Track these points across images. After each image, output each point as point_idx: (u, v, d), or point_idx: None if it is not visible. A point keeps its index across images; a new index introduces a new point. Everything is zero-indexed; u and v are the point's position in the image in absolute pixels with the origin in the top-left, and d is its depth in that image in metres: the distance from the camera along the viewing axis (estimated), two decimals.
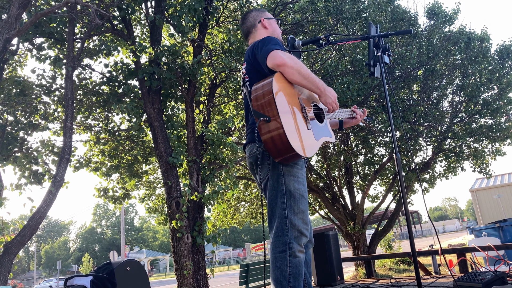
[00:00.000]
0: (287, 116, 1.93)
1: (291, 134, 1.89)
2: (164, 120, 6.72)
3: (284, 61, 1.99)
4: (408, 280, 4.50)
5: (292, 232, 2.01)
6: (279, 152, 1.92)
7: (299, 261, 2.00)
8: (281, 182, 2.05)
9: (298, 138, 1.93)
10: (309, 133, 2.05)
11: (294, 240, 2.00)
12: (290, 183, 2.04)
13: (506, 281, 2.86)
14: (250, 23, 2.40)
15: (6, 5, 5.49)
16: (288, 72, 2.00)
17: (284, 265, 1.98)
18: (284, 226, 2.02)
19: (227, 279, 21.15)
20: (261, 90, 1.99)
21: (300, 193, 2.05)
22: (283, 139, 1.87)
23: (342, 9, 7.63)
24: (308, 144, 1.99)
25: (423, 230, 50.91)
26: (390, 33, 2.39)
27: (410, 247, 2.16)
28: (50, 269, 60.89)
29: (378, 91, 8.16)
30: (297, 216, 2.03)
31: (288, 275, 1.97)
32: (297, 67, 2.00)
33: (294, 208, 2.03)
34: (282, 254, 2.00)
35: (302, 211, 2.04)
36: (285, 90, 2.01)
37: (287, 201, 2.03)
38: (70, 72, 5.72)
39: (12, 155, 6.67)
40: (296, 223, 2.02)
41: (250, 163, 2.21)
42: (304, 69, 2.02)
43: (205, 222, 6.56)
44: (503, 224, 6.72)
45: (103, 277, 3.25)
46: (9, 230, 5.06)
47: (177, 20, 5.85)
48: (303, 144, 1.95)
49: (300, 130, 1.98)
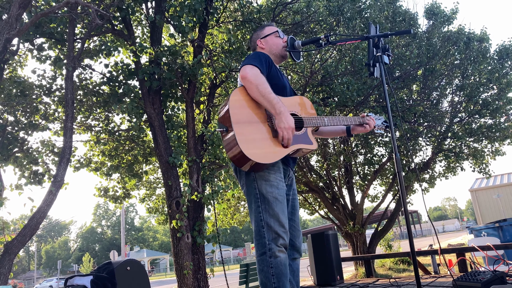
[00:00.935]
0: (243, 126, 2.02)
1: (246, 143, 1.98)
2: (164, 120, 6.72)
3: (246, 74, 2.08)
4: (407, 280, 4.51)
5: (270, 234, 2.08)
6: (238, 161, 2.03)
7: (280, 261, 2.05)
8: (254, 187, 2.14)
9: (254, 146, 2.00)
10: (274, 141, 2.09)
11: (272, 241, 2.06)
12: (262, 187, 2.12)
13: (505, 281, 2.87)
14: (252, 45, 2.56)
15: (6, 5, 5.49)
16: (247, 86, 2.10)
17: (266, 267, 2.04)
18: (261, 228, 2.10)
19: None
20: (222, 104, 2.12)
21: (273, 196, 2.12)
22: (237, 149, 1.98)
23: (343, 9, 7.64)
24: (268, 151, 2.05)
25: (422, 230, 50.91)
26: (389, 33, 2.40)
27: (410, 247, 2.16)
28: (50, 269, 60.89)
29: (378, 91, 8.17)
30: (273, 218, 2.09)
31: (271, 276, 2.03)
32: (257, 83, 2.07)
33: (269, 211, 2.10)
34: (263, 257, 2.06)
35: (277, 213, 2.10)
36: (248, 102, 2.10)
37: (262, 204, 2.12)
38: (70, 72, 5.73)
39: (12, 155, 6.67)
40: (272, 225, 2.08)
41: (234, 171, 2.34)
42: (263, 87, 2.08)
43: (205, 222, 6.57)
44: (503, 224, 6.72)
45: (103, 276, 3.26)
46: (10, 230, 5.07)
47: (177, 20, 5.86)
48: (262, 151, 2.02)
49: (259, 139, 2.04)
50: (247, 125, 2.03)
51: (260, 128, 2.08)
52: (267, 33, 2.50)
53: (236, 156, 2.01)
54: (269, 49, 2.45)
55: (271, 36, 2.48)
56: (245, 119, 2.04)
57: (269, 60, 2.28)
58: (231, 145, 2.02)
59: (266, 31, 2.51)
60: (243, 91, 2.11)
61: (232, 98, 2.06)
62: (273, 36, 2.48)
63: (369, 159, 11.26)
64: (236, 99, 2.07)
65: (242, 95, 2.10)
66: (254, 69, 2.11)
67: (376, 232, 11.77)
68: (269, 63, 2.26)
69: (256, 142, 2.02)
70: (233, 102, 2.06)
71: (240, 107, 2.06)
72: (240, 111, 2.05)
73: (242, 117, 2.04)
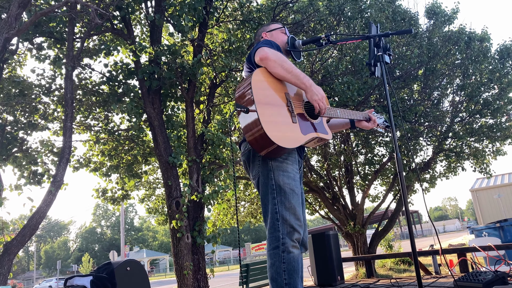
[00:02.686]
0: (266, 107, 1.93)
1: (268, 124, 1.89)
2: (164, 120, 6.71)
3: (266, 54, 2.02)
4: (408, 280, 4.49)
5: (284, 228, 1.99)
6: (257, 143, 1.92)
7: (293, 256, 1.98)
8: (271, 177, 2.05)
9: (276, 128, 1.92)
10: (294, 126, 2.03)
11: (287, 235, 1.98)
12: (279, 178, 2.04)
13: (506, 281, 2.85)
14: (257, 40, 2.51)
15: (6, 5, 5.48)
16: (270, 65, 2.03)
17: (278, 261, 1.96)
18: (276, 221, 2.01)
19: (227, 279, 21.14)
20: (242, 84, 2.02)
21: (290, 187, 2.04)
22: (259, 129, 1.87)
23: (343, 9, 7.62)
24: (290, 136, 1.97)
25: (423, 230, 50.90)
26: (390, 33, 2.38)
27: (411, 247, 2.15)
28: (50, 269, 60.89)
29: (379, 91, 8.16)
30: (289, 211, 2.01)
31: (283, 271, 1.95)
32: (280, 61, 2.03)
33: (285, 203, 2.01)
34: (275, 251, 1.98)
35: (294, 206, 2.03)
36: (269, 84, 2.03)
37: (278, 196, 2.03)
38: (70, 71, 5.71)
39: (12, 155, 6.66)
40: (287, 218, 2.00)
41: (244, 161, 2.23)
42: (287, 63, 2.04)
43: (205, 222, 6.56)
44: (504, 224, 6.70)
45: (103, 277, 3.24)
46: (9, 230, 5.06)
47: (177, 20, 5.84)
48: (284, 135, 1.94)
49: (281, 122, 1.97)
50: (269, 107, 1.95)
51: (282, 111, 2.01)
52: (273, 28, 2.50)
53: (257, 137, 1.90)
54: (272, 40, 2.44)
55: (277, 31, 2.48)
56: (267, 101, 1.96)
57: (277, 46, 2.24)
58: (251, 125, 1.91)
59: (273, 26, 2.52)
60: (265, 71, 2.05)
61: (255, 78, 1.98)
62: (279, 31, 2.48)
63: (370, 159, 11.24)
64: (258, 79, 1.99)
65: (264, 76, 2.03)
66: (272, 50, 2.06)
67: (377, 232, 11.75)
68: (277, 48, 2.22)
69: (279, 125, 1.94)
70: (256, 83, 1.97)
71: (263, 88, 1.99)
72: (263, 92, 1.97)
73: (264, 98, 1.96)
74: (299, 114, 2.10)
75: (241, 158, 2.26)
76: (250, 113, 1.91)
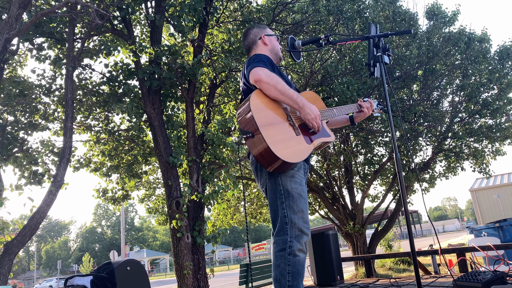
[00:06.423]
0: (269, 129, 2.02)
1: (275, 144, 1.98)
2: (164, 120, 6.72)
3: (260, 77, 2.08)
4: (408, 280, 4.51)
5: (293, 231, 2.06)
6: (269, 163, 2.02)
7: (298, 260, 2.03)
8: (278, 183, 2.13)
9: (283, 146, 2.01)
10: (299, 138, 2.12)
11: (295, 238, 2.05)
12: (287, 183, 2.11)
13: (505, 281, 2.86)
14: (251, 39, 2.50)
15: (6, 5, 5.49)
16: (264, 87, 2.10)
17: (283, 263, 2.02)
18: (284, 225, 2.07)
19: (227, 278, 21.14)
20: (242, 110, 2.11)
21: (298, 192, 2.11)
22: (268, 151, 1.96)
23: (342, 9, 7.63)
24: (297, 149, 2.07)
25: (422, 230, 50.92)
26: (390, 33, 2.39)
27: (410, 247, 2.16)
28: (50, 269, 60.88)
29: (378, 91, 8.16)
30: (297, 215, 2.08)
31: (287, 273, 2.00)
32: (273, 82, 2.08)
33: (293, 207, 2.08)
34: (282, 253, 2.04)
35: (302, 210, 2.09)
36: (267, 105, 2.11)
37: (286, 200, 2.10)
38: (70, 72, 5.72)
39: (12, 155, 6.67)
40: (296, 222, 2.06)
41: (253, 170, 2.32)
42: (281, 85, 2.10)
43: (205, 222, 6.57)
44: (503, 224, 6.72)
45: (103, 276, 3.26)
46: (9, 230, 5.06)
47: (177, 20, 5.85)
48: (291, 150, 2.03)
49: (286, 139, 2.06)
50: (271, 127, 2.04)
51: (284, 128, 2.09)
52: (271, 33, 2.54)
53: (267, 159, 2.00)
54: (272, 47, 2.48)
55: (274, 38, 2.53)
56: (268, 121, 2.05)
57: (270, 61, 2.30)
58: (259, 148, 2.00)
59: (269, 31, 2.55)
60: (260, 93, 2.12)
61: (253, 102, 2.06)
62: (275, 38, 2.54)
63: (369, 159, 11.25)
64: (256, 103, 2.07)
65: (260, 98, 2.11)
66: (265, 70, 2.12)
67: (376, 232, 11.76)
68: (271, 63, 2.28)
69: (285, 142, 2.03)
70: (254, 106, 2.05)
71: (262, 110, 2.07)
72: (263, 114, 2.06)
73: (265, 119, 2.04)
74: (300, 126, 2.19)
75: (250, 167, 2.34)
76: (255, 137, 2.01)
